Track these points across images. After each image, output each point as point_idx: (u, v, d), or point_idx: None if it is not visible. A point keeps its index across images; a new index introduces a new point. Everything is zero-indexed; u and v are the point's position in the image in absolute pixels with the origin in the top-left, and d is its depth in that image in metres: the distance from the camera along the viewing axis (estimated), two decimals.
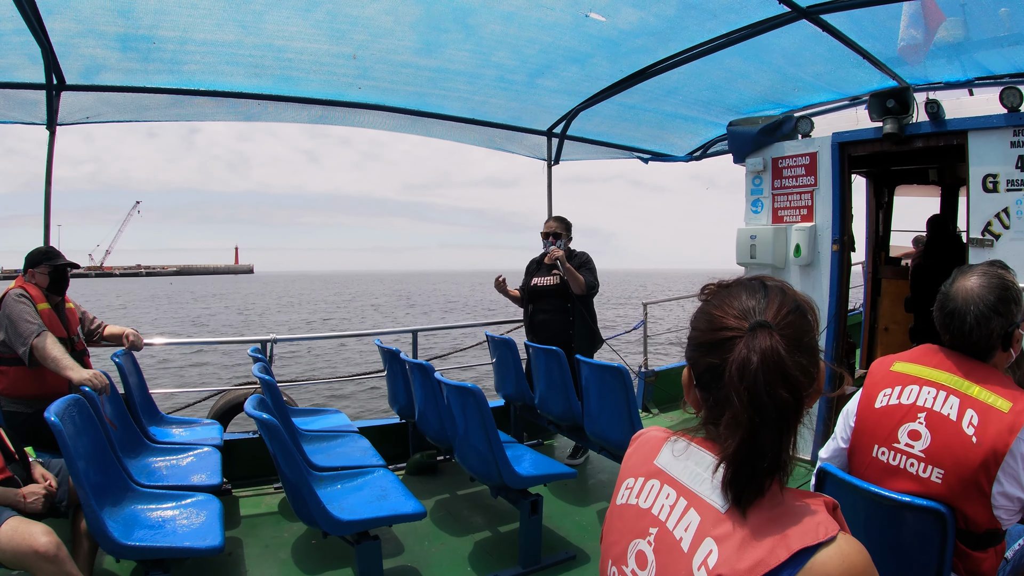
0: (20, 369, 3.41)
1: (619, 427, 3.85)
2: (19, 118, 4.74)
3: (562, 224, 5.25)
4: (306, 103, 5.33)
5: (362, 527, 2.89)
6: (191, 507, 3.01)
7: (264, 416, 2.69)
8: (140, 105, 4.99)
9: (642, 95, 5.37)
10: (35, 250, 3.68)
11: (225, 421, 5.09)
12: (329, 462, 3.74)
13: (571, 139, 6.50)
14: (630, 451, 1.34)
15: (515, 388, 5.09)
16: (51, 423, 2.41)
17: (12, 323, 3.34)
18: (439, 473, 4.97)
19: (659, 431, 1.30)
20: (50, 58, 4.12)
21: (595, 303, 5.36)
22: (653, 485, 1.20)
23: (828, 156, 5.01)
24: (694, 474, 1.13)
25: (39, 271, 3.61)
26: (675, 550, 1.08)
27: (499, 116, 6.00)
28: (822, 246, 5.07)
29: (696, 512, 1.09)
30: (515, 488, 3.47)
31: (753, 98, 5.54)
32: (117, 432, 3.52)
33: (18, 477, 2.69)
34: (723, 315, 1.12)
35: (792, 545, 0.98)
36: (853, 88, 5.24)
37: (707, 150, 6.90)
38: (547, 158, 6.58)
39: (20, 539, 2.37)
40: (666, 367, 7.11)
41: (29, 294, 3.47)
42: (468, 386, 3.34)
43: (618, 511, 1.26)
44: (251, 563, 3.60)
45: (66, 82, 4.46)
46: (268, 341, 5.04)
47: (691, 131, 6.49)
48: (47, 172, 4.71)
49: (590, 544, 3.77)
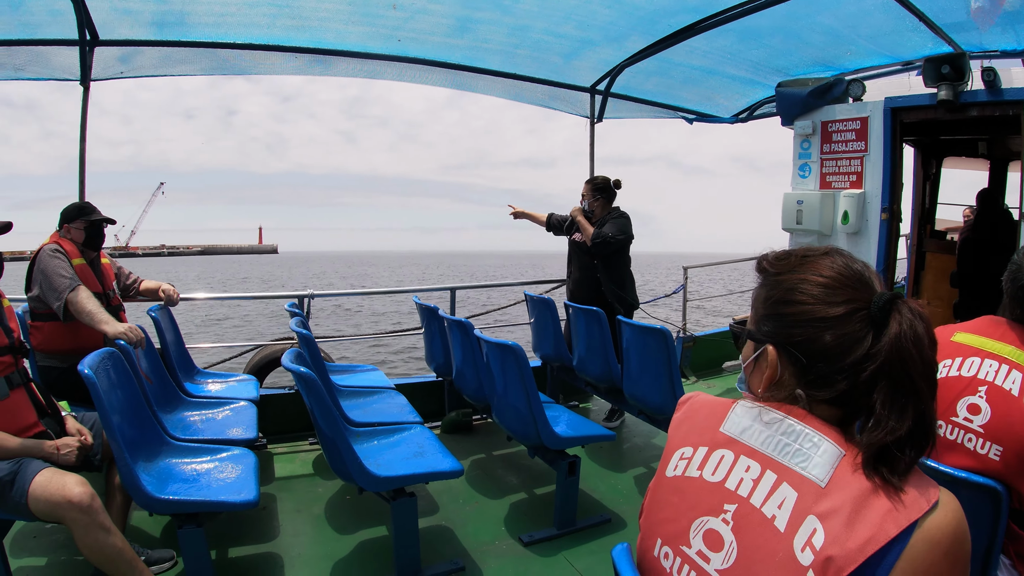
0: (55, 324, 3.39)
1: (659, 390, 3.75)
2: (53, 75, 4.69)
3: (589, 185, 5.15)
4: (346, 56, 5.22)
5: (399, 483, 2.83)
6: (226, 461, 2.98)
7: (302, 370, 2.62)
8: (174, 59, 4.89)
9: (689, 52, 5.16)
10: (71, 205, 3.63)
11: (261, 376, 5.09)
12: (365, 418, 3.70)
13: (615, 96, 6.28)
14: (679, 417, 1.21)
15: (553, 349, 5.01)
16: (85, 376, 2.37)
17: (46, 278, 3.31)
18: (474, 432, 4.93)
19: (710, 396, 1.19)
20: (83, 13, 4.06)
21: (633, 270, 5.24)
22: (723, 456, 1.07)
23: (880, 121, 4.80)
24: (782, 445, 1.01)
25: (75, 226, 3.57)
26: (766, 529, 0.97)
27: (542, 71, 5.82)
28: (870, 214, 4.89)
29: (791, 487, 0.97)
30: (553, 448, 3.39)
31: (804, 60, 5.31)
32: (152, 386, 3.50)
33: (51, 431, 2.67)
34: (837, 285, 1.03)
35: (901, 520, 0.89)
36: (907, 52, 5.01)
37: (753, 112, 6.66)
38: (590, 115, 6.38)
39: (54, 489, 2.35)
40: (705, 333, 6.99)
41: (64, 249, 3.43)
42: (509, 343, 3.25)
43: (672, 484, 1.13)
44: (284, 518, 3.59)
45: (99, 37, 4.40)
46: (305, 296, 5.02)
47: (738, 91, 6.25)
48: (81, 128, 4.67)
49: (625, 508, 3.69)
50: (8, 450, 2.43)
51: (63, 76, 4.65)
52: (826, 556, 0.89)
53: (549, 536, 3.37)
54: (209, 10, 4.32)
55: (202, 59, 4.94)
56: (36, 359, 3.47)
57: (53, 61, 4.57)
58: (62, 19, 4.13)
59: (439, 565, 3.06)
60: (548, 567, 3.12)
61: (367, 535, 3.41)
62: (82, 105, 4.68)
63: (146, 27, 4.45)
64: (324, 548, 3.27)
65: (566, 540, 3.35)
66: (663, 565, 1.11)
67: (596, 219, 5.03)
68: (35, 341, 3.45)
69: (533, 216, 5.60)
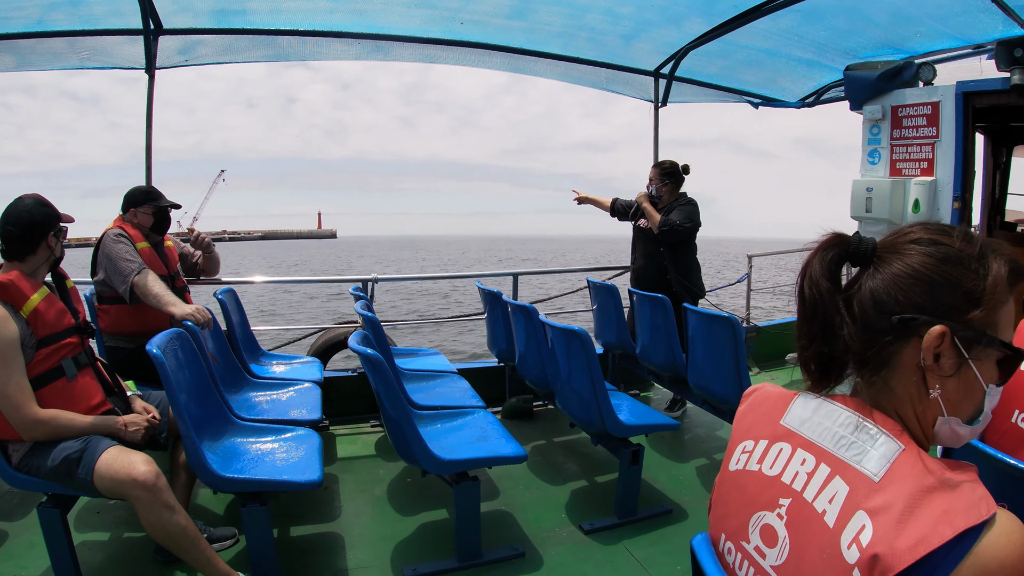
0: (121, 307, 3.46)
1: (725, 380, 3.63)
2: (119, 64, 4.82)
3: (656, 170, 4.99)
4: (408, 42, 5.21)
5: (462, 467, 2.80)
6: (290, 441, 3.00)
7: (369, 351, 2.61)
8: (235, 48, 4.97)
9: (753, 34, 4.96)
10: (136, 190, 3.69)
11: (325, 359, 5.14)
12: (429, 401, 3.69)
13: (679, 80, 6.09)
14: (743, 409, 1.16)
15: (616, 336, 4.91)
16: (153, 355, 2.40)
17: (112, 262, 3.38)
18: (535, 418, 4.88)
19: (776, 388, 1.13)
20: (146, 4, 4.17)
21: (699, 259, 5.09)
22: (782, 449, 1.02)
23: (952, 106, 4.57)
24: (839, 438, 0.95)
25: (142, 211, 3.63)
26: (816, 524, 0.91)
27: (605, 55, 5.69)
28: (942, 203, 4.66)
29: (843, 481, 0.90)
30: (617, 436, 3.31)
31: (871, 41, 5.06)
32: (219, 367, 3.55)
33: (118, 409, 2.72)
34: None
35: (956, 523, 0.80)
36: (977, 35, 4.72)
37: (820, 96, 6.40)
38: (654, 99, 6.22)
39: (119, 467, 2.39)
40: (769, 323, 6.77)
41: (128, 233, 3.50)
42: (574, 329, 3.18)
43: (733, 478, 1.08)
44: (346, 499, 3.61)
45: (163, 27, 4.49)
46: (369, 280, 5.06)
47: (805, 75, 5.99)
48: (148, 116, 4.80)
49: (687, 499, 3.58)
50: (76, 428, 2.48)
51: (128, 65, 4.79)
52: (872, 554, 0.82)
53: (610, 525, 3.30)
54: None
55: (262, 47, 5.01)
56: (104, 340, 3.56)
57: (118, 51, 4.71)
58: (126, 10, 4.23)
59: (500, 550, 3.03)
60: (608, 556, 3.05)
61: (428, 517, 3.40)
62: (148, 93, 4.81)
63: (207, 16, 4.54)
64: (385, 529, 3.28)
65: (627, 529, 3.27)
66: (727, 560, 1.07)
67: (663, 205, 4.91)
68: (103, 324, 3.54)
69: (597, 201, 5.50)
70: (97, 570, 2.86)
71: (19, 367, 2.38)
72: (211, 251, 4.20)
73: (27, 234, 2.52)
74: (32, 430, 2.42)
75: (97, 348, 3.26)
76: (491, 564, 2.95)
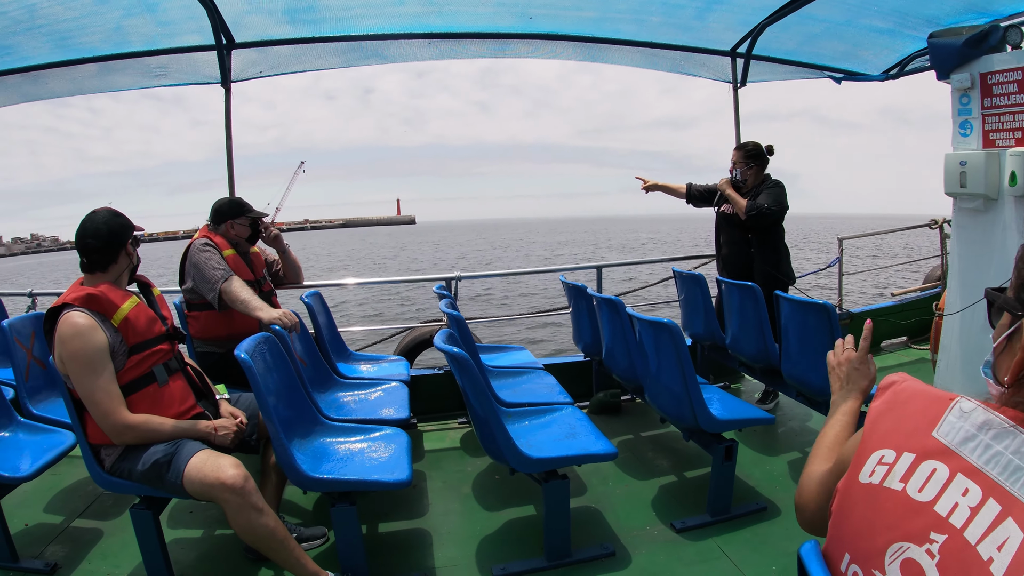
0: (210, 313, 3.59)
1: (821, 371, 3.39)
2: (196, 79, 5.01)
3: (739, 153, 4.77)
4: (477, 38, 5.19)
5: (551, 465, 2.75)
6: (379, 440, 3.02)
7: (454, 350, 2.59)
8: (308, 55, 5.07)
9: (832, 6, 4.68)
10: (228, 202, 3.81)
11: (411, 357, 5.19)
12: (516, 398, 3.65)
13: (757, 59, 5.80)
14: (879, 408, 0.97)
15: (704, 327, 4.75)
16: (241, 360, 2.45)
17: (199, 271, 3.50)
18: (623, 413, 4.78)
19: (921, 385, 0.94)
20: (217, 19, 4.30)
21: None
22: (935, 470, 0.84)
23: None
24: (1013, 467, 0.77)
25: (239, 223, 3.77)
26: (978, 574, 0.74)
27: (679, 37, 5.49)
28: None
29: (1018, 525, 0.73)
30: (709, 432, 3.19)
31: (953, 6, 4.67)
32: (307, 368, 3.62)
33: (208, 413, 2.79)
34: None
35: None
36: None
37: (904, 67, 5.99)
38: (732, 80, 5.96)
39: (208, 471, 2.44)
40: (862, 309, 6.42)
41: (214, 242, 3.62)
42: (664, 321, 3.08)
43: (866, 492, 0.91)
44: (434, 496, 3.62)
45: (235, 41, 4.62)
46: (452, 279, 5.07)
47: (887, 46, 5.59)
48: (227, 128, 4.99)
49: (781, 495, 3.41)
50: (166, 433, 2.55)
51: (204, 80, 4.97)
52: None
53: (702, 523, 3.18)
54: (339, 3, 4.42)
55: (334, 54, 5.10)
56: (194, 346, 3.69)
57: (194, 66, 4.89)
58: (198, 26, 4.39)
59: (589, 549, 2.96)
60: (700, 555, 2.93)
61: (516, 514, 3.37)
62: (225, 106, 4.98)
63: (278, 26, 4.64)
64: (473, 526, 3.27)
65: (720, 528, 3.15)
66: None
67: (747, 189, 4.71)
68: (193, 330, 3.67)
69: (669, 187, 5.31)
70: (189, 568, 2.95)
71: (108, 374, 2.46)
72: (282, 246, 4.18)
73: (107, 245, 2.60)
74: (122, 435, 2.50)
75: (188, 354, 3.37)
76: (581, 563, 2.88)
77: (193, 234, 3.77)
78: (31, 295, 5.42)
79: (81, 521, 3.41)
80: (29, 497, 3.61)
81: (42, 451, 3.03)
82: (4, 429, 3.21)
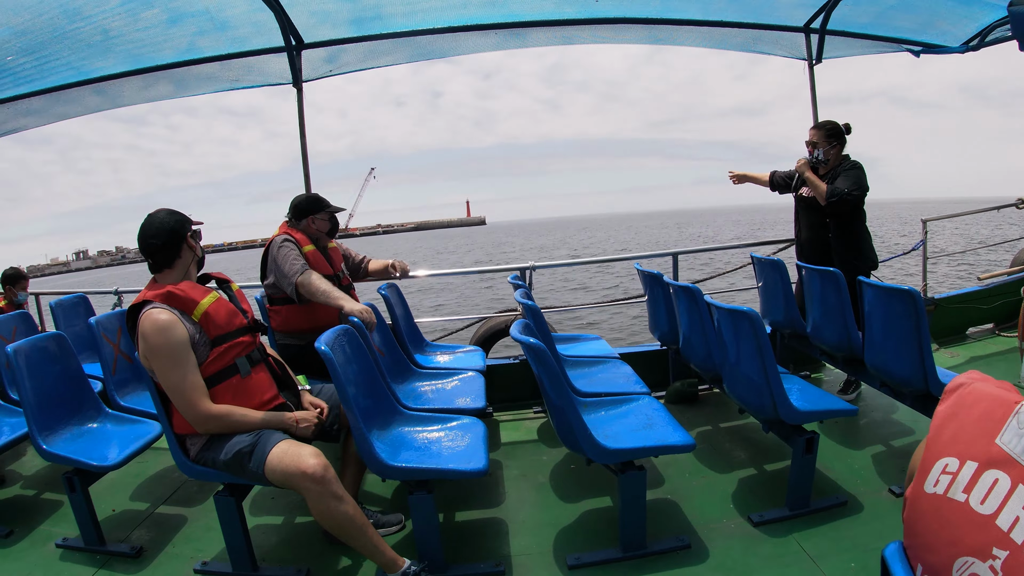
0: (292, 307, 3.71)
1: (906, 361, 3.23)
2: (267, 80, 5.19)
3: (819, 132, 4.50)
4: (541, 26, 5.17)
5: (628, 456, 2.74)
6: (456, 430, 3.07)
7: (530, 340, 2.61)
8: (376, 52, 5.18)
9: None
10: (304, 199, 3.89)
11: (487, 347, 5.24)
12: (592, 388, 3.64)
13: (832, 33, 5.57)
14: (945, 412, 0.92)
15: (784, 314, 4.57)
16: (322, 352, 2.53)
17: (278, 266, 3.62)
18: (700, 403, 4.70)
19: (990, 385, 0.88)
20: (285, 22, 4.45)
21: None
22: (997, 480, 0.79)
23: None
24: None
25: (319, 218, 3.88)
26: None
27: (749, 14, 5.33)
28: None
29: None
30: (790, 423, 3.09)
31: None
32: (385, 359, 3.71)
33: (290, 403, 2.89)
34: None
35: None
36: None
37: (985, 38, 5.63)
38: (807, 57, 5.72)
39: (290, 460, 2.52)
40: (947, 294, 6.05)
41: (293, 238, 3.73)
42: (743, 309, 3.01)
43: (932, 504, 0.87)
44: (509, 485, 3.66)
45: (304, 42, 4.75)
46: (527, 269, 5.09)
47: (965, 15, 5.24)
48: (300, 126, 5.16)
49: (863, 490, 3.26)
50: (248, 423, 2.66)
51: (276, 81, 5.16)
52: None
53: (780, 517, 3.09)
54: (403, 10, 4.53)
55: (402, 48, 5.17)
56: (276, 338, 3.83)
57: (265, 69, 5.09)
58: (267, 30, 4.55)
59: (665, 541, 2.94)
60: (778, 550, 2.86)
61: (591, 504, 3.37)
62: (298, 105, 5.17)
63: (346, 26, 4.77)
64: (548, 515, 3.29)
65: (798, 522, 3.05)
66: None
67: (826, 171, 4.48)
68: (274, 323, 3.82)
69: (755, 177, 5.16)
70: (271, 552, 3.08)
71: (191, 366, 2.57)
72: (407, 275, 4.45)
73: (168, 241, 2.69)
74: (206, 424, 2.61)
75: (270, 346, 3.49)
76: (656, 555, 2.86)
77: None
78: (117, 293, 5.77)
79: (166, 507, 3.61)
80: (116, 484, 3.85)
81: (129, 441, 3.23)
82: (93, 420, 3.44)
